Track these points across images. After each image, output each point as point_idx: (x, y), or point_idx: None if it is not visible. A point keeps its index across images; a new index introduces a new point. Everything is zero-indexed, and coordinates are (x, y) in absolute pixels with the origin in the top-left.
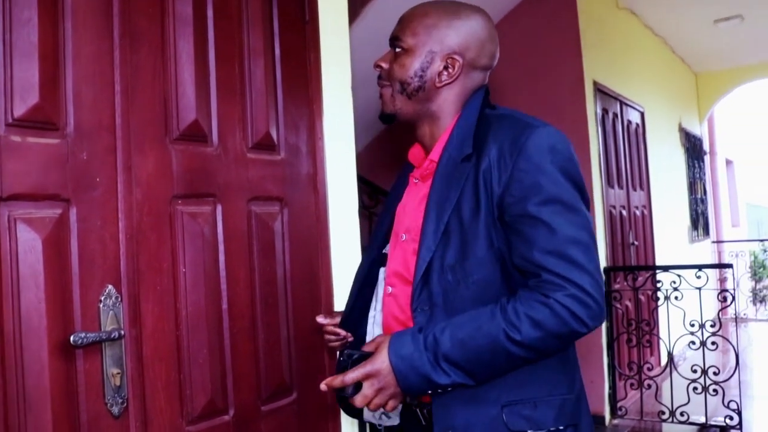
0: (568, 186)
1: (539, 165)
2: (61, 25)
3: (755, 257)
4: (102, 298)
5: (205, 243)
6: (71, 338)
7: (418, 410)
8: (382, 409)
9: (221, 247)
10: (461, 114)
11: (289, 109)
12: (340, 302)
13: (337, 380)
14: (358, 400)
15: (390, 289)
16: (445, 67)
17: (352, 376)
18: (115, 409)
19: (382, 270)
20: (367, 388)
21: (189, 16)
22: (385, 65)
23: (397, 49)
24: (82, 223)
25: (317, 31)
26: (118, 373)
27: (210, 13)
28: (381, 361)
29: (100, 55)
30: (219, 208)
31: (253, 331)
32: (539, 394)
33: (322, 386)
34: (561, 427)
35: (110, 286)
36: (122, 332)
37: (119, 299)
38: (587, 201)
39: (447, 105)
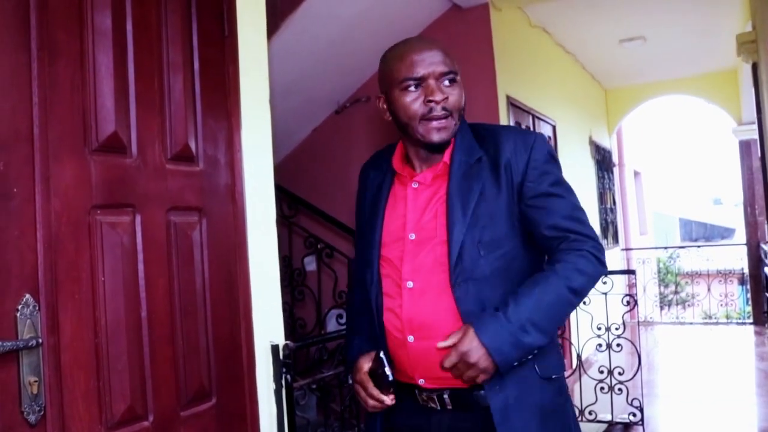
0: (562, 174)
1: (546, 158)
2: None
3: (663, 264)
4: (19, 307)
5: (124, 252)
6: None
7: (440, 396)
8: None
9: (140, 257)
10: (458, 128)
11: (208, 121)
12: (257, 309)
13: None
14: (455, 374)
15: (410, 284)
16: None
17: (451, 360)
18: (32, 417)
19: None
20: (462, 365)
21: (108, 29)
22: (446, 96)
23: (449, 82)
24: None
25: (236, 45)
26: (36, 381)
27: (129, 26)
28: (470, 341)
29: (18, 67)
30: (138, 218)
31: (173, 338)
32: (548, 347)
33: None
34: (563, 374)
35: (28, 295)
36: (40, 340)
37: (37, 308)
38: None
39: None
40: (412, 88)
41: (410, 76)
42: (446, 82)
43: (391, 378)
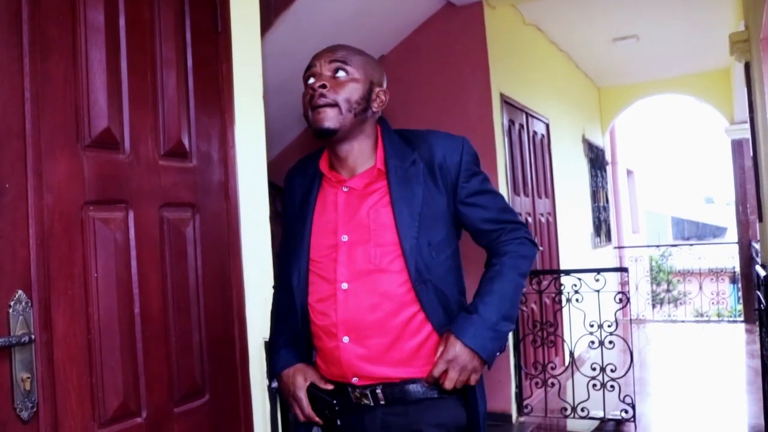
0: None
1: (474, 160)
2: None
3: (655, 262)
4: (11, 303)
5: (117, 248)
6: None
7: (373, 391)
8: None
9: (133, 253)
10: (382, 134)
11: (201, 117)
12: (251, 306)
13: (429, 377)
14: (447, 384)
15: (345, 285)
16: (378, 97)
17: (439, 368)
18: (25, 414)
19: None
20: (452, 372)
21: (101, 25)
22: (329, 85)
23: (342, 73)
24: None
25: (229, 41)
26: (28, 378)
27: (122, 22)
28: (454, 348)
29: (9, 63)
30: (131, 214)
31: (166, 335)
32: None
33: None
34: None
35: (20, 291)
36: (32, 337)
37: (29, 304)
38: None
39: (372, 127)
40: (310, 80)
41: (306, 68)
42: (340, 73)
43: (337, 408)
